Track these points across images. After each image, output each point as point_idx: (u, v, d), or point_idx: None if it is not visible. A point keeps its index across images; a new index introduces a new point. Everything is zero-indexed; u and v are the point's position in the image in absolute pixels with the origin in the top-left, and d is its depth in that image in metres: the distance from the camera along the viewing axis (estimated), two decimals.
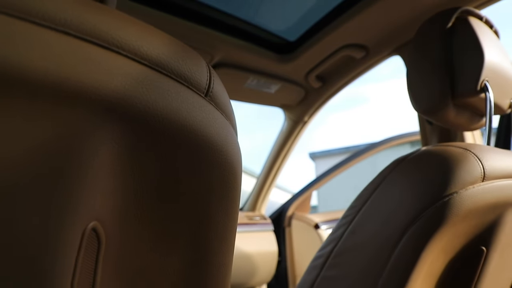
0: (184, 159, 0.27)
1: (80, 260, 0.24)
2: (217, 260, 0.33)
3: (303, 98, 1.33)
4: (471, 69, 0.61)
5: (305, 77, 1.22)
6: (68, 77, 0.20)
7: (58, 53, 0.20)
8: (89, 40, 0.22)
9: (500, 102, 0.67)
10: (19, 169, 0.20)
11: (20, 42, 0.19)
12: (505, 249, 0.61)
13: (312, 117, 1.43)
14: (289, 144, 1.57)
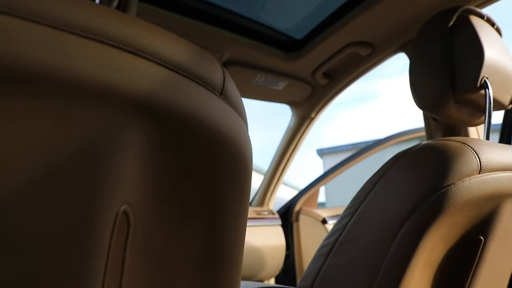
0: (202, 151, 0.31)
1: (114, 238, 0.27)
2: (230, 246, 0.36)
3: (310, 95, 1.36)
4: (471, 66, 0.64)
5: (312, 74, 1.24)
6: (105, 81, 0.24)
7: (97, 60, 0.24)
8: (121, 47, 0.25)
9: (500, 98, 0.70)
10: (62, 163, 0.24)
11: (66, 52, 0.23)
12: (503, 239, 0.64)
13: (319, 114, 1.46)
14: (296, 140, 1.59)
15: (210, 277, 0.36)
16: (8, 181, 0.22)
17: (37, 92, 0.22)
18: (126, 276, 0.30)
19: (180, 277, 0.34)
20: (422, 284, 0.60)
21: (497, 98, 0.68)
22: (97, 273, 0.27)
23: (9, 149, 0.22)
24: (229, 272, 0.37)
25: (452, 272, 0.62)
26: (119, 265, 0.29)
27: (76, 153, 0.24)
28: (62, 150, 0.24)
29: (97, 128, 0.25)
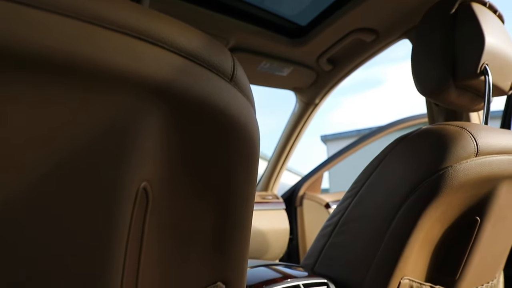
0: (214, 134, 0.33)
1: (135, 213, 0.30)
2: (239, 223, 0.39)
3: (315, 81, 1.38)
4: (472, 53, 0.65)
5: (317, 60, 1.26)
6: (128, 70, 0.26)
7: (121, 50, 0.26)
8: (142, 38, 0.27)
9: (500, 84, 0.71)
10: (90, 144, 0.26)
11: (93, 43, 0.25)
12: (498, 220, 0.67)
13: (323, 100, 1.48)
14: (300, 126, 1.62)
15: (220, 253, 0.39)
16: (42, 160, 0.25)
17: (67, 80, 0.24)
18: (145, 248, 0.33)
19: (193, 251, 0.37)
20: (420, 262, 0.63)
21: (497, 84, 0.70)
22: (120, 245, 0.30)
23: (42, 131, 0.24)
24: (239, 248, 0.40)
25: (449, 251, 0.65)
26: (139, 238, 0.32)
27: (103, 136, 0.27)
28: (90, 133, 0.26)
29: (121, 113, 0.27)
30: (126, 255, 0.31)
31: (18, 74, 0.22)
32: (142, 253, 0.33)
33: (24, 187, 0.24)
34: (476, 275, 0.70)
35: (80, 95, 0.25)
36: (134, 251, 0.32)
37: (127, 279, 0.31)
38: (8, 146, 0.23)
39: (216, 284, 0.40)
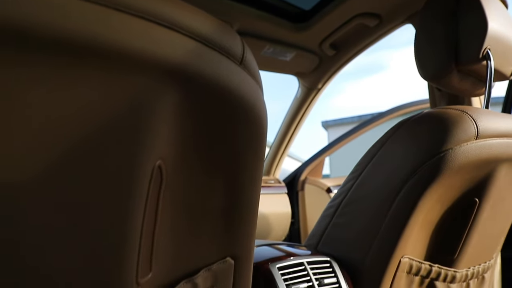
0: (224, 114, 0.35)
1: (151, 189, 0.32)
2: (247, 201, 0.41)
3: (317, 65, 1.38)
4: (474, 38, 0.66)
5: (320, 45, 1.26)
6: (145, 52, 0.28)
7: (138, 33, 0.27)
8: (158, 22, 0.29)
9: (502, 69, 0.72)
10: (110, 125, 0.28)
11: (111, 26, 0.26)
12: (497, 202, 0.68)
13: (326, 85, 1.48)
14: (302, 111, 1.63)
15: (230, 229, 0.41)
16: (64, 140, 0.26)
17: (87, 63, 0.26)
18: (159, 223, 0.35)
19: (204, 227, 0.39)
20: (420, 242, 0.65)
21: (498, 69, 0.71)
22: (137, 219, 0.32)
23: (64, 112, 0.26)
24: (247, 226, 0.42)
25: (448, 232, 0.67)
26: (154, 213, 0.34)
27: (121, 117, 0.28)
28: (110, 114, 0.28)
29: (138, 94, 0.29)
30: (143, 229, 0.33)
31: (41, 57, 0.24)
32: (157, 227, 0.34)
33: (47, 165, 0.26)
34: (474, 255, 0.73)
35: (100, 77, 0.27)
36: (150, 225, 0.33)
37: (143, 252, 0.33)
38: (32, 127, 0.24)
39: (226, 259, 0.42)
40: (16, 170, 0.24)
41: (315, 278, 0.56)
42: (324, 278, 0.57)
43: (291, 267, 0.56)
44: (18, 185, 0.25)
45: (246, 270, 0.44)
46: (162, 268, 0.37)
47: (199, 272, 0.40)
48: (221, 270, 0.42)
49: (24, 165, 0.25)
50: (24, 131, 0.24)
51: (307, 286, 0.55)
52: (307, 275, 0.56)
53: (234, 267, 0.43)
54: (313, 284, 0.56)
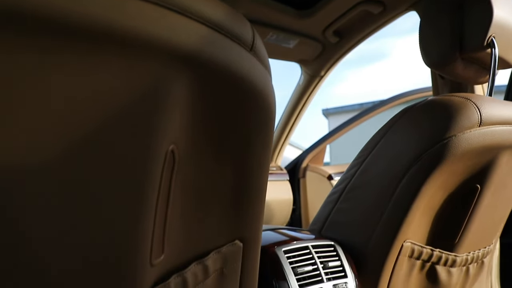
0: (235, 100, 0.35)
1: (164, 172, 0.33)
2: (256, 185, 0.42)
3: (320, 53, 1.38)
4: (480, 26, 0.66)
5: (323, 32, 1.26)
6: (160, 38, 0.28)
7: (152, 19, 0.28)
8: (172, 8, 0.29)
9: (506, 57, 0.72)
10: (126, 110, 0.28)
11: (126, 12, 0.27)
12: (498, 188, 0.70)
13: (329, 72, 1.48)
14: (305, 99, 1.63)
15: (238, 213, 0.42)
16: (83, 124, 0.27)
17: (105, 49, 0.26)
18: (171, 206, 0.36)
19: (213, 210, 0.40)
20: (422, 227, 0.67)
21: (503, 57, 0.71)
22: (151, 201, 0.33)
23: (83, 97, 0.26)
24: (255, 209, 0.44)
25: (449, 217, 0.68)
26: (166, 196, 0.35)
27: (137, 102, 0.29)
28: (127, 99, 0.28)
29: (152, 80, 0.29)
30: (156, 211, 0.34)
31: (60, 43, 0.24)
32: (169, 210, 0.35)
33: (66, 148, 0.27)
34: (474, 240, 0.74)
35: (116, 63, 0.27)
36: (162, 208, 0.35)
37: (157, 234, 0.34)
38: (52, 112, 0.25)
39: (235, 242, 0.43)
40: (36, 152, 0.25)
41: (319, 262, 0.58)
42: (328, 262, 0.59)
43: (296, 251, 0.57)
44: (37, 168, 0.26)
45: (254, 252, 0.45)
46: (173, 250, 0.38)
47: (209, 254, 0.41)
48: (230, 253, 0.43)
49: (43, 147, 0.26)
50: (44, 114, 0.25)
51: (312, 269, 0.56)
52: (312, 259, 0.57)
53: (242, 249, 0.44)
54: (318, 267, 0.57)
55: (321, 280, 0.56)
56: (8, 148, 0.24)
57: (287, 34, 1.24)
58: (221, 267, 0.43)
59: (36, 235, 0.27)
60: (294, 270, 0.54)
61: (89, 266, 0.30)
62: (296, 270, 0.55)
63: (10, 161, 0.25)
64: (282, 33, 1.23)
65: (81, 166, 0.28)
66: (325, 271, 0.57)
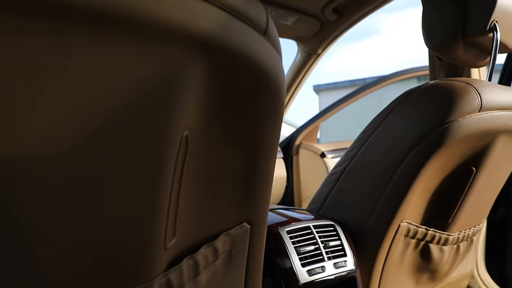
0: (248, 85, 0.35)
1: (179, 157, 0.33)
2: (264, 170, 0.43)
3: (318, 30, 1.36)
4: (483, 9, 0.66)
5: (322, 9, 1.24)
6: (179, 23, 0.28)
7: (171, 4, 0.28)
8: None
9: (506, 41, 0.73)
10: (145, 94, 0.28)
11: None
12: (492, 170, 0.72)
13: (326, 50, 1.47)
14: (301, 76, 1.62)
15: (247, 196, 0.43)
16: (104, 108, 0.27)
17: (125, 34, 0.26)
18: (183, 188, 0.36)
19: (223, 193, 0.41)
20: (418, 207, 0.69)
21: (503, 41, 0.71)
22: (166, 187, 0.33)
23: (103, 81, 0.26)
24: (263, 192, 0.44)
25: (444, 198, 0.71)
26: (178, 180, 0.35)
27: (156, 86, 0.29)
28: (146, 84, 0.28)
29: (171, 65, 0.29)
30: (171, 196, 0.34)
31: (79, 28, 0.24)
32: (181, 192, 0.36)
33: (84, 137, 0.27)
34: (466, 220, 0.77)
35: (137, 48, 0.27)
36: (175, 193, 0.35)
37: (170, 217, 0.35)
38: (73, 95, 0.25)
39: (242, 225, 0.44)
40: (54, 141, 0.25)
41: (320, 241, 0.59)
42: (329, 241, 0.61)
43: (298, 231, 0.59)
44: (63, 153, 0.26)
45: (260, 234, 0.47)
46: (184, 233, 0.39)
47: (219, 237, 0.42)
48: (239, 235, 0.44)
49: (61, 136, 0.26)
50: (60, 102, 0.25)
51: (313, 248, 0.58)
52: (313, 238, 0.59)
53: (250, 231, 0.45)
54: (319, 247, 0.59)
55: (322, 259, 0.58)
56: (21, 139, 0.24)
57: (286, 11, 1.22)
58: (229, 249, 0.44)
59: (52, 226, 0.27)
60: (297, 250, 0.56)
61: (106, 254, 0.31)
62: (299, 250, 0.56)
63: (24, 152, 0.25)
64: (281, 10, 1.21)
65: (99, 155, 0.28)
66: (325, 250, 0.59)
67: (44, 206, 0.26)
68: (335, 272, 0.59)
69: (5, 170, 0.24)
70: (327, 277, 0.58)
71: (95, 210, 0.29)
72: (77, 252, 0.29)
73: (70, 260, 0.29)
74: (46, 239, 0.27)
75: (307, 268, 0.55)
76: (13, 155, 0.24)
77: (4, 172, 0.24)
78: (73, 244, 0.29)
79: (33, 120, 0.24)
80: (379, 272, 0.67)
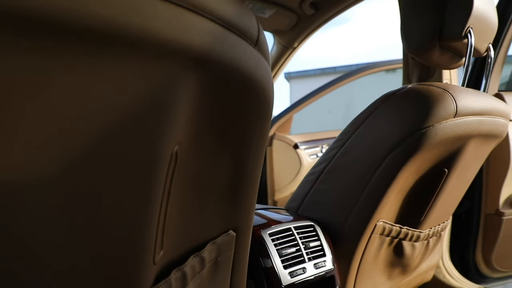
0: (239, 96, 0.35)
1: (169, 172, 0.33)
2: (251, 175, 0.43)
3: (295, 24, 1.36)
4: (460, 16, 0.68)
5: (300, 3, 1.24)
6: (174, 39, 0.27)
7: (166, 19, 0.26)
8: (186, 7, 0.27)
9: (478, 46, 0.76)
10: (139, 109, 0.27)
11: (140, 12, 0.25)
12: (462, 171, 0.75)
13: (302, 44, 1.47)
14: (276, 69, 1.62)
15: (233, 203, 0.43)
16: (95, 125, 0.26)
17: (118, 50, 0.25)
18: (172, 199, 0.36)
19: (210, 202, 0.41)
20: (393, 207, 0.71)
21: (476, 46, 0.74)
22: (157, 203, 0.32)
23: (97, 97, 0.25)
24: (249, 199, 0.44)
25: (418, 197, 0.73)
26: (167, 192, 0.35)
27: (149, 103, 0.28)
28: (139, 100, 0.27)
29: (164, 81, 0.28)
30: (160, 211, 0.33)
31: (68, 46, 0.23)
32: (169, 204, 0.35)
33: (77, 154, 0.26)
34: (437, 217, 0.81)
35: (130, 64, 0.26)
36: (165, 203, 0.34)
37: (159, 227, 0.35)
38: (61, 117, 0.24)
39: (228, 232, 0.44)
40: (47, 159, 0.24)
41: (301, 242, 0.60)
42: (309, 242, 0.62)
43: (280, 233, 0.59)
44: (47, 176, 0.25)
45: (245, 240, 0.47)
46: (171, 244, 0.38)
47: (206, 246, 0.42)
48: (225, 242, 0.44)
49: (59, 148, 0.25)
50: (53, 119, 0.24)
51: (295, 250, 0.59)
52: (295, 240, 0.60)
53: (235, 238, 0.45)
54: (300, 248, 0.60)
55: (303, 260, 0.59)
56: (14, 158, 0.23)
57: (263, 4, 1.20)
58: (216, 257, 0.44)
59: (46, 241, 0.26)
60: (279, 252, 0.57)
61: (97, 271, 0.30)
62: (281, 252, 0.57)
63: (16, 172, 0.23)
64: (258, 2, 1.19)
65: (90, 173, 0.27)
66: (306, 251, 0.60)
67: (36, 227, 0.25)
68: (315, 273, 0.60)
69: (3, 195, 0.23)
70: (307, 278, 0.59)
71: (88, 228, 0.28)
72: (70, 268, 0.28)
73: (64, 277, 0.28)
74: (39, 261, 0.26)
75: (289, 270, 0.56)
76: (6, 179, 0.23)
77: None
78: (66, 261, 0.28)
79: (22, 140, 0.23)
80: (356, 269, 0.70)
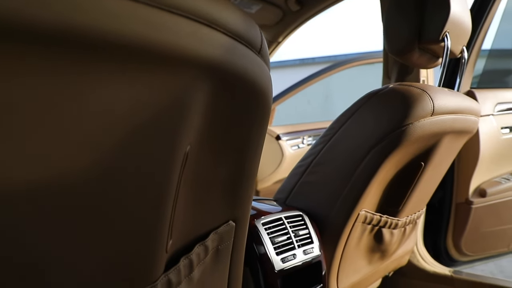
0: (244, 102, 0.38)
1: (182, 171, 0.36)
2: (249, 171, 0.46)
3: (280, 19, 1.39)
4: (437, 21, 0.74)
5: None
6: (193, 53, 0.29)
7: (188, 34, 0.29)
8: (202, 22, 0.29)
9: (454, 48, 0.82)
10: (156, 118, 0.30)
11: (167, 29, 0.28)
12: (437, 164, 0.82)
13: (286, 38, 1.51)
14: None
15: (233, 197, 0.47)
16: (121, 132, 0.29)
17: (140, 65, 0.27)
18: (179, 195, 0.39)
19: (212, 197, 0.44)
20: (375, 198, 0.77)
21: (452, 49, 0.80)
22: (171, 198, 0.36)
23: (118, 108, 0.27)
24: (247, 192, 0.48)
25: (396, 189, 0.80)
26: (178, 187, 0.38)
27: (167, 110, 0.31)
28: (159, 108, 0.30)
29: (180, 90, 0.31)
30: (174, 208, 0.37)
31: (95, 62, 0.25)
32: (178, 198, 0.39)
33: (100, 162, 0.28)
34: (413, 206, 0.87)
35: (150, 77, 0.28)
36: (176, 197, 0.38)
37: (171, 221, 0.38)
38: (83, 124, 0.26)
39: (228, 223, 0.48)
40: (78, 159, 0.27)
41: (291, 231, 0.65)
42: (299, 230, 0.67)
43: (272, 222, 0.64)
44: (81, 178, 0.27)
45: (243, 229, 0.51)
46: (179, 234, 0.42)
47: (209, 236, 0.45)
48: (225, 232, 0.48)
49: (84, 154, 0.27)
50: (77, 131, 0.26)
51: (286, 238, 0.64)
52: (285, 229, 0.64)
53: (235, 228, 0.49)
54: (291, 236, 0.65)
55: (294, 247, 0.64)
56: (58, 165, 0.25)
57: None
58: (217, 245, 0.48)
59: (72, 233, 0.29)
60: (272, 240, 0.61)
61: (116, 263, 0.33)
62: (273, 240, 0.62)
63: (63, 174, 0.26)
64: None
65: (114, 178, 0.29)
66: (296, 239, 0.65)
67: (59, 225, 0.28)
68: (304, 259, 0.65)
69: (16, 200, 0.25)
70: (297, 263, 0.64)
71: (107, 226, 0.31)
72: (89, 261, 0.31)
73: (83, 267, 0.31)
74: (59, 262, 0.29)
75: (281, 257, 0.61)
76: (26, 188, 0.25)
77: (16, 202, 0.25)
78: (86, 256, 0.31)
79: (41, 152, 0.24)
80: (340, 255, 0.75)
